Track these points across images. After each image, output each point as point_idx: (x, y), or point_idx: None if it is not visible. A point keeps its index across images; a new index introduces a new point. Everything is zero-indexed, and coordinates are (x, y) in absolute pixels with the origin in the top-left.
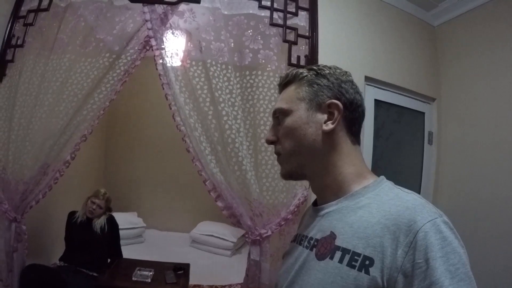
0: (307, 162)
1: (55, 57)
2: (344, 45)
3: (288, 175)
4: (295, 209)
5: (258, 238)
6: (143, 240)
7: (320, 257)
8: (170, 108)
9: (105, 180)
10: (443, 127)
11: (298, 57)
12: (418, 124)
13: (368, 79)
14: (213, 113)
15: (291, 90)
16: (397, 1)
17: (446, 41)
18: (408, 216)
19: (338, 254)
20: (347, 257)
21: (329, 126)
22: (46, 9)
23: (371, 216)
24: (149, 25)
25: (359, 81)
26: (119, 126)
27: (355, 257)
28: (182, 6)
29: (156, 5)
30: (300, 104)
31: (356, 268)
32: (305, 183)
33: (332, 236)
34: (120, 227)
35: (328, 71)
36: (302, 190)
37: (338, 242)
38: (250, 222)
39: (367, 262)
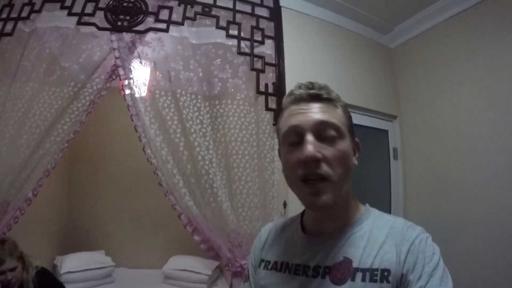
0: (345, 192)
1: (17, 85)
2: (310, 70)
3: (330, 206)
4: None
5: (239, 269)
6: (113, 280)
7: (339, 281)
8: (140, 140)
9: (69, 218)
10: (406, 142)
11: (266, 85)
12: (382, 141)
13: None
14: (184, 144)
15: (337, 111)
16: (356, 27)
17: (403, 62)
18: (405, 233)
19: (359, 275)
20: (368, 275)
21: (356, 162)
22: (10, 34)
23: (377, 239)
24: (116, 53)
25: None
26: (83, 160)
27: (375, 272)
28: (150, 35)
29: (124, 33)
30: (347, 133)
31: (378, 281)
32: (281, 209)
33: (348, 261)
34: (87, 267)
35: None
36: (278, 217)
37: (355, 265)
38: (230, 254)
39: (385, 273)
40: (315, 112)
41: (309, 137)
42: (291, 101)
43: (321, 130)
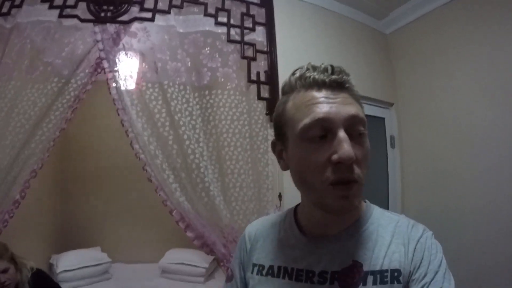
0: None
1: None
2: (303, 58)
3: (355, 209)
4: None
5: None
6: (110, 277)
7: (350, 287)
8: (127, 135)
9: (62, 216)
10: (403, 130)
11: (258, 73)
12: (379, 129)
13: None
14: (173, 138)
15: (358, 106)
16: (350, 12)
17: (399, 48)
18: (410, 232)
19: (370, 278)
20: (378, 277)
21: None
22: None
23: (383, 239)
24: (100, 45)
25: None
26: (75, 156)
27: (385, 274)
28: (135, 25)
29: (108, 24)
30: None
31: (389, 282)
32: (276, 202)
33: (357, 264)
34: (83, 264)
35: None
36: (274, 209)
37: (366, 268)
38: (224, 250)
39: (395, 274)
40: (344, 103)
41: (343, 134)
42: (304, 85)
43: (351, 126)
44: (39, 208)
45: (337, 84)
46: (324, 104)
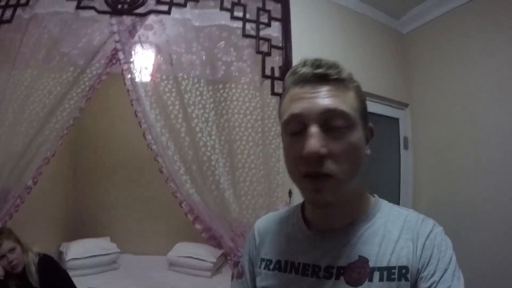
0: (352, 186)
1: (16, 72)
2: (318, 54)
3: (334, 204)
4: None
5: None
6: (118, 267)
7: (355, 282)
8: (140, 126)
9: (74, 205)
10: (417, 131)
11: (272, 69)
12: (393, 130)
13: None
14: (186, 130)
15: (348, 94)
16: (367, 10)
17: (415, 48)
18: (419, 227)
19: (376, 274)
20: (385, 274)
21: (368, 151)
22: (9, 21)
23: (392, 234)
24: (116, 37)
25: None
26: (89, 146)
27: (392, 271)
28: (152, 18)
29: (124, 16)
30: (360, 120)
31: (396, 279)
32: (286, 198)
33: (363, 260)
34: (92, 253)
35: None
36: (283, 206)
37: (372, 264)
38: (232, 244)
39: (403, 271)
40: (322, 97)
41: (313, 129)
42: (294, 81)
43: (328, 120)
44: (51, 196)
45: (320, 77)
46: (302, 100)
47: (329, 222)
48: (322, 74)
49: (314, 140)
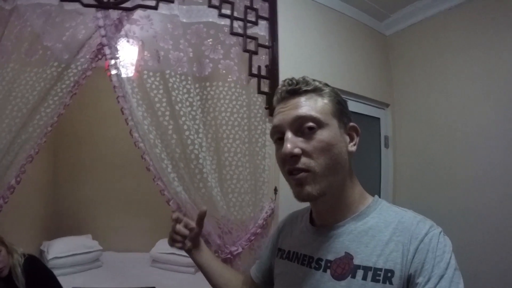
0: (335, 182)
1: None
2: (304, 54)
3: (316, 196)
4: (263, 223)
5: (229, 256)
6: (101, 264)
7: (338, 277)
8: (127, 123)
9: (54, 203)
10: (398, 131)
11: (259, 67)
12: (374, 129)
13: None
14: (173, 128)
15: (318, 101)
16: (353, 12)
17: (398, 50)
18: (414, 229)
19: (360, 272)
20: (370, 274)
21: (353, 148)
22: None
23: (383, 235)
24: (102, 31)
25: None
26: (69, 143)
27: (378, 272)
28: (139, 13)
29: (111, 10)
30: (333, 120)
31: (381, 281)
32: (272, 195)
33: (348, 256)
34: (74, 252)
35: (337, 92)
36: (269, 203)
37: (356, 262)
38: (219, 241)
39: (389, 274)
40: (293, 108)
41: (288, 135)
42: (276, 100)
43: (299, 125)
44: (31, 194)
45: (292, 93)
46: (280, 114)
47: (323, 219)
48: (293, 89)
49: (288, 143)
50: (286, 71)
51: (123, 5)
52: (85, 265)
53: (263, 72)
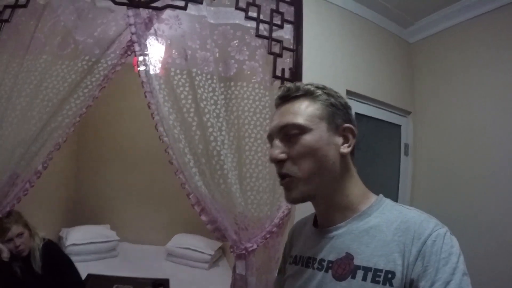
0: (323, 184)
1: (30, 57)
2: (327, 59)
3: (301, 199)
4: (280, 222)
5: (243, 252)
6: (117, 254)
7: (339, 277)
8: (153, 118)
9: (75, 191)
10: (418, 139)
11: (283, 70)
12: (394, 136)
13: (349, 93)
14: (197, 124)
15: (305, 105)
16: (377, 18)
17: (421, 58)
18: (417, 229)
19: (360, 273)
20: (370, 275)
21: (346, 149)
22: (24, 6)
23: (384, 235)
24: (132, 29)
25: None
26: (92, 134)
27: (378, 273)
28: (168, 12)
29: (141, 9)
30: (321, 124)
31: (381, 282)
32: None
33: (349, 257)
34: (92, 240)
35: (334, 93)
36: (286, 202)
37: (357, 262)
38: (235, 236)
39: (389, 276)
40: (281, 115)
41: (275, 142)
42: (275, 105)
43: (286, 132)
44: (54, 181)
45: (283, 99)
46: (273, 121)
47: (324, 220)
48: (284, 96)
49: (274, 149)
50: (310, 75)
51: (153, 4)
52: (101, 254)
53: (287, 75)
